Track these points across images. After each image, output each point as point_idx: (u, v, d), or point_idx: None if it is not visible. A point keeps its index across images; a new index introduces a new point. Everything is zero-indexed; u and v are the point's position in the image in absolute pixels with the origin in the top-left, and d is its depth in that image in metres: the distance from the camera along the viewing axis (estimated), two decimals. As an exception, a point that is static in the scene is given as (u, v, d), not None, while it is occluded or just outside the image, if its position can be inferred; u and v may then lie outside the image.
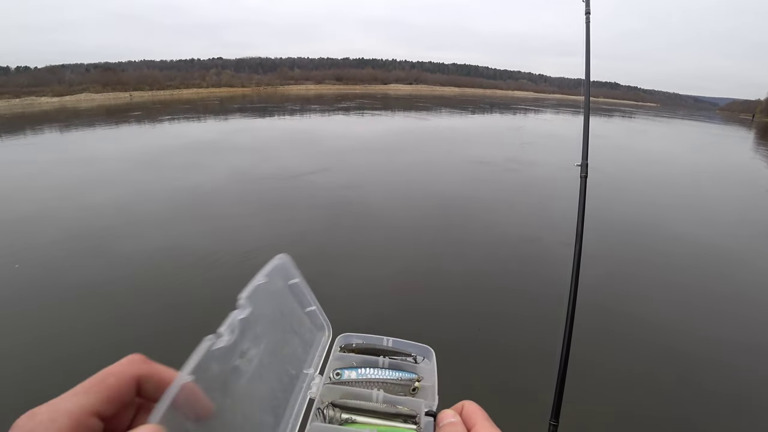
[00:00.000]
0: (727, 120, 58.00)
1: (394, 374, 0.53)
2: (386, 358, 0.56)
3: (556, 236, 5.76)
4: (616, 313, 4.08)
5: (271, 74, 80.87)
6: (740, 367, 3.39)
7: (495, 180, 9.46)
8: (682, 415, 2.87)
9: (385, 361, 0.55)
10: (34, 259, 4.89)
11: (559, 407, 1.38)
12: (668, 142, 21.73)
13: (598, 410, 2.80)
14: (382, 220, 6.46)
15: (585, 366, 3.02)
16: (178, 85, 57.78)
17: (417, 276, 4.71)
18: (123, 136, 16.85)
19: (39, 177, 8.90)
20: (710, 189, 10.22)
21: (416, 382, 0.53)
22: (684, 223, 7.08)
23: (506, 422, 1.89)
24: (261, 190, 8.00)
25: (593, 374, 3.11)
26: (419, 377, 0.53)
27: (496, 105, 44.64)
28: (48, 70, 55.25)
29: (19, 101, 39.07)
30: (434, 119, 25.68)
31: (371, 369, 0.54)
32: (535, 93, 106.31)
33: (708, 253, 5.85)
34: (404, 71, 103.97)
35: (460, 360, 3.32)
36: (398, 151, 12.78)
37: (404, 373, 0.54)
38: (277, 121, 22.58)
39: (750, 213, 8.27)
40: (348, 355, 0.56)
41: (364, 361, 0.55)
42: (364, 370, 0.54)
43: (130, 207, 6.81)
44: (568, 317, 1.53)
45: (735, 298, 4.53)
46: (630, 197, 8.61)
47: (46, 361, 3.15)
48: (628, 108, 67.89)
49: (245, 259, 4.87)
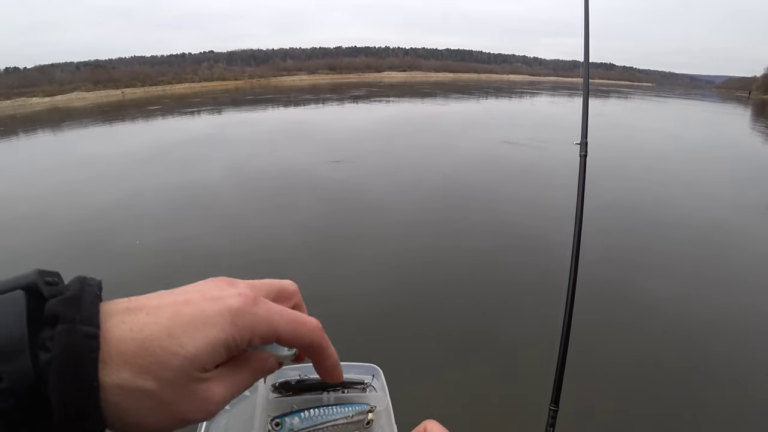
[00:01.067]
0: (724, 98, 57.74)
1: (343, 410, 0.46)
2: (331, 393, 0.48)
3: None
4: (617, 295, 4.10)
5: (264, 66, 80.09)
6: (738, 346, 3.42)
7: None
8: (683, 398, 2.88)
9: (330, 397, 0.48)
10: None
11: (559, 392, 1.37)
12: (668, 122, 21.62)
13: (598, 396, 2.80)
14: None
15: (586, 350, 3.03)
16: (171, 81, 57.24)
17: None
18: (138, 132, 16.72)
19: (34, 178, 8.86)
20: (710, 165, 10.20)
21: (369, 414, 0.46)
22: (686, 201, 7.08)
23: (506, 408, 1.88)
24: (263, 185, 7.96)
25: (594, 359, 3.11)
26: (371, 407, 0.47)
27: (499, 90, 44.29)
28: (38, 70, 54.64)
29: (10, 103, 38.67)
30: (455, 105, 25.50)
31: (316, 410, 0.45)
32: (531, 76, 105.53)
33: (710, 232, 5.86)
34: (398, 58, 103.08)
35: (459, 346, 3.33)
36: (451, 133, 12.70)
37: (355, 407, 0.47)
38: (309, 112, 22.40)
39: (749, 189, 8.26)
40: (284, 399, 0.47)
41: (306, 402, 0.47)
42: (307, 413, 0.45)
43: (130, 205, 6.77)
44: (568, 299, 1.51)
45: (734, 280, 4.53)
46: (632, 175, 8.59)
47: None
48: (624, 89, 67.45)
49: (244, 256, 4.87)
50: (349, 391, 0.48)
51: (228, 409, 0.46)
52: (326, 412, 0.45)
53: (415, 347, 3.28)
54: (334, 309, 3.65)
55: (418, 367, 3.00)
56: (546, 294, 3.72)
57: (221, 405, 0.27)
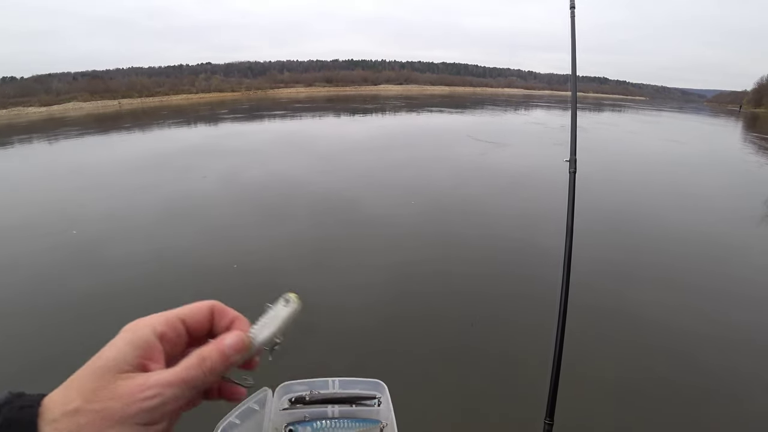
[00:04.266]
0: (716, 111, 58.60)
1: (354, 425, 0.48)
2: (335, 407, 0.49)
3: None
4: (610, 308, 4.09)
5: (261, 78, 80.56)
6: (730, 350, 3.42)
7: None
8: (679, 408, 2.87)
9: (335, 410, 0.49)
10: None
11: (554, 406, 1.37)
12: (666, 135, 21.91)
13: (593, 410, 2.79)
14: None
15: (579, 362, 3.02)
16: (168, 92, 57.39)
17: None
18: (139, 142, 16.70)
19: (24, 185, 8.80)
20: (703, 177, 10.31)
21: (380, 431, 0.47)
22: (678, 211, 7.14)
23: (501, 421, 1.87)
24: (256, 196, 7.95)
25: (587, 371, 3.10)
26: (383, 424, 0.48)
27: (498, 103, 44.76)
28: (35, 80, 54.66)
29: (6, 112, 38.63)
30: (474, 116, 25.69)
31: (327, 422, 0.48)
32: (525, 90, 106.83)
33: (702, 243, 5.90)
34: (394, 71, 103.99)
35: (452, 359, 3.31)
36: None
37: (366, 423, 0.49)
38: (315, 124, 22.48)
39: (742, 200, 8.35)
40: (292, 411, 0.49)
41: (314, 414, 0.49)
42: (319, 423, 0.48)
43: (122, 215, 6.73)
44: (561, 313, 1.51)
45: (729, 293, 4.55)
46: (625, 188, 8.67)
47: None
48: (619, 102, 68.37)
49: (240, 267, 4.83)
50: (357, 406, 0.50)
51: (238, 423, 0.47)
52: (337, 425, 0.47)
53: (411, 360, 3.26)
54: (326, 321, 3.65)
55: (415, 380, 2.98)
56: (539, 306, 3.73)
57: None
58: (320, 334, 3.49)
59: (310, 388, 0.50)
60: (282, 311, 0.38)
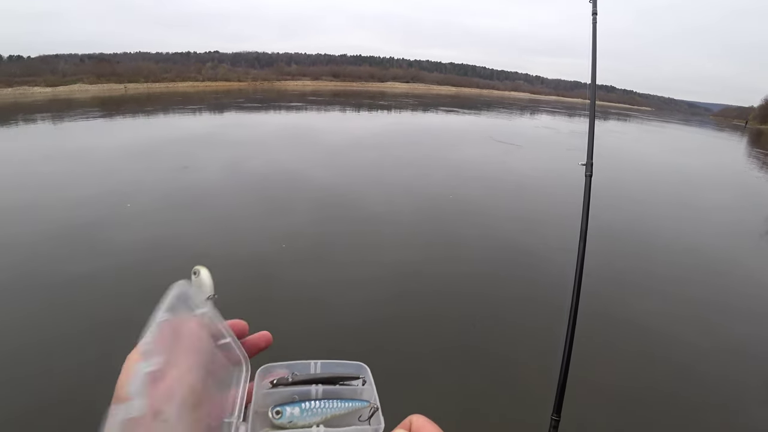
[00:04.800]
0: (721, 126, 58.57)
1: (344, 405, 0.48)
2: (320, 387, 0.49)
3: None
4: (619, 312, 4.12)
5: (268, 69, 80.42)
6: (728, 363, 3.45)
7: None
8: (677, 420, 2.90)
9: (319, 390, 0.49)
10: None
11: (561, 402, 1.39)
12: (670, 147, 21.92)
13: (593, 413, 2.81)
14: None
15: (587, 361, 3.04)
16: (174, 78, 57.28)
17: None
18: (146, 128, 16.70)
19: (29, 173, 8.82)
20: (708, 191, 10.34)
21: (369, 410, 0.48)
22: (685, 227, 7.17)
23: (501, 421, 1.90)
24: (263, 187, 7.97)
25: (595, 370, 3.13)
26: (374, 405, 0.48)
27: (506, 105, 44.70)
28: (41, 60, 54.40)
29: (12, 90, 38.53)
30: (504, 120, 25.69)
31: (317, 402, 0.47)
32: (531, 94, 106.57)
33: (706, 255, 5.93)
34: (402, 69, 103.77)
35: (458, 355, 3.34)
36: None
37: (355, 402, 0.48)
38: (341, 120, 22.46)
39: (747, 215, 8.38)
40: (279, 390, 0.48)
41: (303, 394, 0.48)
42: (308, 404, 0.47)
43: (124, 201, 6.75)
44: (571, 313, 1.54)
45: (737, 308, 4.58)
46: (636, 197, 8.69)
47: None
48: (624, 111, 68.24)
49: (238, 258, 4.86)
50: (343, 385, 0.50)
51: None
52: (327, 406, 0.47)
53: (411, 359, 3.28)
54: (326, 319, 3.68)
55: (415, 380, 3.00)
56: (547, 308, 3.76)
57: None
58: (320, 334, 3.51)
59: (292, 370, 0.51)
60: (204, 278, 0.47)
